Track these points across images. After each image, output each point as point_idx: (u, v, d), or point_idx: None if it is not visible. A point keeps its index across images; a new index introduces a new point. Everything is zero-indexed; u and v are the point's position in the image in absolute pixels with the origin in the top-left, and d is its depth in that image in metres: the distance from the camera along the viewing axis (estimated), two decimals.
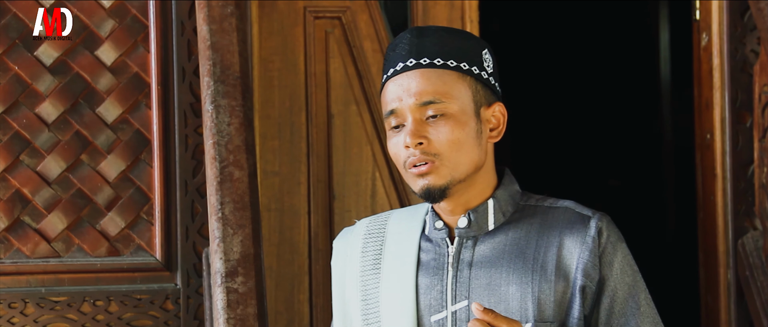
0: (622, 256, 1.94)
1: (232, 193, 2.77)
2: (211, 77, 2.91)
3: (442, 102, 1.92)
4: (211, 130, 2.84)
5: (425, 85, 1.93)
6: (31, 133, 3.18)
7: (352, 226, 2.11)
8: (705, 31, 3.57)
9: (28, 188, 3.17)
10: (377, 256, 2.04)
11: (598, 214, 1.96)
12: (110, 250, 3.19)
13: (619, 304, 1.93)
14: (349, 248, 2.08)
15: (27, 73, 3.19)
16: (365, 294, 2.02)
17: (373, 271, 2.03)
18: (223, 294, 2.63)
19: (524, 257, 1.93)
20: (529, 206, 2.00)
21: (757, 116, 3.37)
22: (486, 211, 1.97)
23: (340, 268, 2.09)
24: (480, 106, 1.96)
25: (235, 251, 2.69)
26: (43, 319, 3.15)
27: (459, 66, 1.94)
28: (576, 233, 1.93)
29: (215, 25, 2.97)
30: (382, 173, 3.59)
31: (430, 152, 1.92)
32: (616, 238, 1.95)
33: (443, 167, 1.92)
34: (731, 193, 3.46)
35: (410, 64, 1.95)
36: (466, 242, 1.97)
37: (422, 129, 1.92)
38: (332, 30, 3.60)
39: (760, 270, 3.31)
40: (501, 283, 1.93)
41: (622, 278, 1.93)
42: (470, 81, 1.95)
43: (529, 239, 1.95)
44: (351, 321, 2.05)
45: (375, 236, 2.06)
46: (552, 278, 1.91)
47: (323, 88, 3.58)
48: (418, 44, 1.95)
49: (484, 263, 1.95)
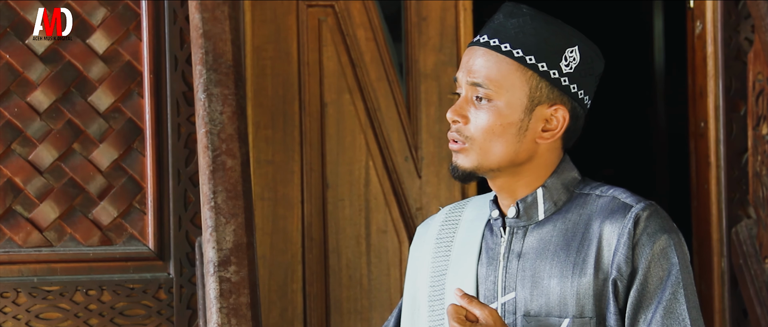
0: (660, 248, 1.85)
1: (224, 182, 2.76)
2: (204, 66, 2.90)
3: (489, 89, 1.90)
4: (204, 118, 2.83)
5: (480, 67, 1.91)
6: (22, 122, 3.17)
7: (435, 214, 2.10)
8: (699, 19, 3.56)
9: (19, 177, 3.16)
10: (449, 244, 2.03)
11: (643, 203, 1.87)
12: (103, 239, 3.18)
13: (647, 297, 1.84)
14: (426, 235, 2.07)
15: (18, 61, 3.17)
16: (434, 280, 2.01)
17: (444, 258, 2.02)
18: (215, 283, 2.63)
19: (568, 249, 1.89)
20: (583, 195, 1.94)
21: (751, 104, 3.36)
22: (535, 200, 1.93)
23: (416, 253, 2.08)
24: (537, 103, 1.91)
25: (228, 240, 2.69)
26: (36, 309, 3.14)
27: (524, 58, 1.91)
28: (615, 223, 1.86)
29: (207, 14, 2.96)
30: (376, 162, 3.58)
31: (463, 133, 1.90)
32: (656, 228, 1.85)
33: (472, 152, 1.90)
34: (725, 182, 3.46)
35: (482, 40, 1.93)
36: (517, 232, 1.94)
37: (465, 108, 1.91)
38: (325, 18, 3.58)
39: (753, 258, 3.31)
40: (544, 276, 1.89)
41: (655, 271, 1.84)
42: (531, 76, 1.91)
43: (575, 231, 1.90)
44: (419, 305, 2.04)
45: (451, 224, 2.05)
46: (591, 272, 1.86)
47: (316, 77, 3.57)
48: (501, 23, 1.93)
49: (531, 254, 1.91)
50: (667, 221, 1.88)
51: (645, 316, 1.84)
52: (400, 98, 3.60)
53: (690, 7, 3.62)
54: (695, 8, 3.59)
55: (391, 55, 3.61)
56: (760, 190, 3.31)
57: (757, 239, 3.33)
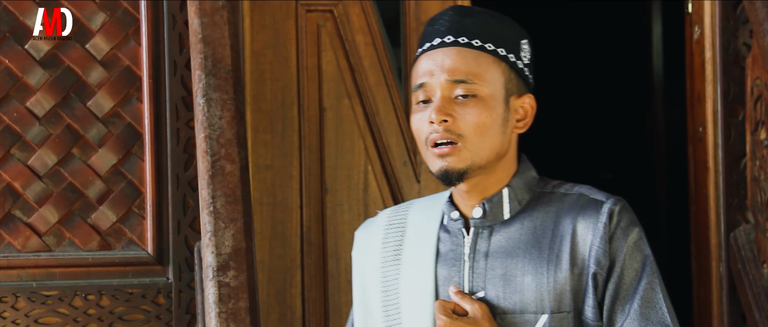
0: (633, 241, 1.91)
1: (223, 187, 2.76)
2: (203, 70, 2.90)
3: (474, 83, 1.91)
4: (203, 123, 2.83)
5: (460, 64, 1.91)
6: (22, 127, 3.17)
7: (374, 217, 2.10)
8: (697, 24, 3.57)
9: (19, 182, 3.16)
10: (398, 247, 2.03)
11: (612, 199, 1.93)
12: (102, 244, 3.18)
13: (624, 288, 1.90)
14: (370, 239, 2.07)
15: (18, 66, 3.18)
16: (386, 285, 2.01)
17: (394, 262, 2.02)
18: (214, 288, 2.62)
19: (540, 247, 1.91)
20: (546, 193, 1.98)
21: (749, 109, 3.37)
22: (501, 200, 1.95)
23: (360, 258, 2.07)
24: (511, 94, 1.95)
25: (227, 245, 2.69)
26: (35, 314, 3.14)
27: (496, 51, 1.93)
28: (588, 220, 1.91)
29: (206, 19, 2.96)
30: (375, 167, 3.58)
31: (454, 131, 1.90)
32: (628, 223, 1.92)
33: (465, 150, 1.90)
34: (723, 187, 3.46)
35: (448, 40, 1.93)
36: (482, 232, 1.95)
37: (449, 107, 1.91)
38: (324, 23, 3.59)
39: (752, 263, 3.31)
40: (517, 273, 1.91)
41: (630, 263, 1.90)
42: (505, 68, 1.94)
43: (544, 228, 1.93)
44: (371, 312, 2.04)
45: (396, 227, 2.05)
46: (567, 267, 1.89)
47: (315, 82, 3.57)
48: (458, 22, 1.94)
49: (500, 253, 1.93)
50: (634, 215, 1.95)
51: (623, 306, 1.89)
52: (399, 103, 3.60)
53: (688, 12, 3.63)
54: (693, 13, 3.60)
55: (390, 60, 3.61)
56: (759, 194, 3.31)
57: (755, 244, 3.33)
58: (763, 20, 3.22)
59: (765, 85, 3.26)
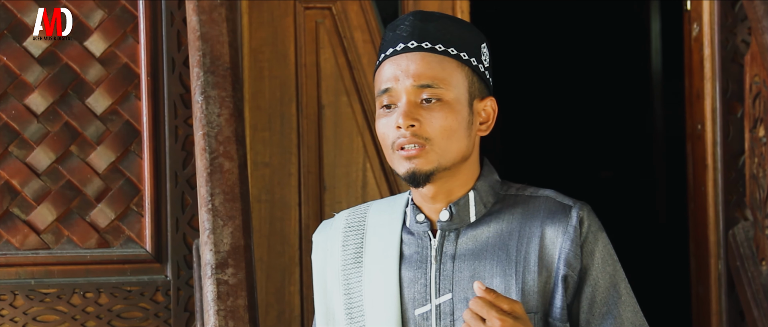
0: (603, 246, 1.95)
1: (222, 185, 2.76)
2: (201, 68, 2.90)
3: (440, 88, 1.92)
4: (201, 121, 2.83)
5: (425, 69, 1.92)
6: (20, 125, 3.17)
7: (331, 219, 2.10)
8: (696, 21, 3.57)
9: (17, 180, 3.16)
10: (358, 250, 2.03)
11: (579, 203, 1.96)
12: (100, 241, 3.18)
13: (601, 293, 1.93)
14: (328, 242, 2.07)
15: (16, 64, 3.17)
16: (348, 288, 2.01)
17: (355, 265, 2.02)
18: (213, 286, 2.62)
19: (507, 249, 1.93)
20: (510, 196, 2.00)
21: (747, 106, 3.36)
22: (467, 203, 1.97)
23: (320, 261, 2.07)
24: (474, 97, 1.96)
25: (225, 243, 2.69)
26: (33, 311, 3.14)
27: (459, 55, 1.94)
28: (557, 223, 1.93)
29: (205, 16, 2.96)
30: (373, 164, 3.58)
31: (421, 135, 1.91)
32: (597, 227, 1.95)
33: (432, 153, 1.92)
34: (722, 184, 3.46)
35: (411, 45, 1.94)
36: (449, 235, 1.97)
37: (415, 111, 1.91)
38: (322, 20, 3.59)
39: (750, 260, 3.31)
40: (485, 275, 1.93)
41: (604, 267, 1.94)
42: (468, 71, 1.95)
43: (511, 230, 1.95)
44: (333, 315, 2.04)
45: (355, 229, 2.05)
46: (535, 269, 1.92)
47: (314, 79, 3.57)
48: (421, 28, 1.95)
49: (468, 256, 1.94)
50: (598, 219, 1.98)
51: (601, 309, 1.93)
52: None
53: (687, 10, 3.63)
54: (692, 11, 3.60)
55: None
56: (757, 192, 3.31)
57: (754, 241, 3.33)
58: (761, 17, 3.22)
59: (763, 82, 3.26)
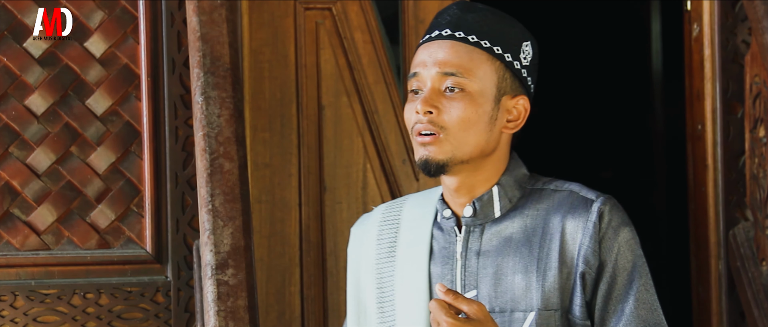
0: (624, 241, 1.91)
1: (222, 185, 2.76)
2: (201, 69, 2.90)
3: (463, 78, 1.91)
4: (201, 121, 2.83)
5: (451, 57, 1.92)
6: (20, 125, 3.17)
7: (370, 213, 2.10)
8: (696, 21, 3.57)
9: (17, 180, 3.16)
10: (392, 244, 2.03)
11: (603, 197, 1.92)
12: (100, 242, 3.18)
13: (617, 289, 1.89)
14: (365, 235, 2.07)
15: (16, 64, 3.17)
16: (381, 282, 2.01)
17: (389, 259, 2.02)
18: (213, 286, 2.62)
19: (530, 245, 1.91)
20: (536, 190, 1.97)
21: (748, 107, 3.36)
22: (491, 199, 1.95)
23: (355, 254, 2.07)
24: (503, 93, 1.94)
25: (226, 243, 2.69)
26: (33, 312, 3.14)
27: (492, 48, 1.93)
28: (578, 218, 1.90)
29: (205, 17, 2.96)
30: (373, 165, 3.58)
31: (437, 123, 1.90)
32: (619, 222, 1.91)
33: (447, 142, 1.91)
34: (722, 184, 3.46)
35: (445, 34, 1.94)
36: (474, 231, 1.95)
37: (436, 99, 1.91)
38: (323, 21, 3.58)
39: (751, 261, 3.31)
40: (507, 272, 1.91)
41: (622, 263, 1.90)
42: (499, 66, 1.94)
43: (535, 226, 1.93)
44: (365, 308, 2.03)
45: (390, 223, 2.05)
46: (556, 265, 1.89)
47: (314, 80, 3.57)
48: (459, 17, 1.95)
49: (491, 252, 1.93)
50: (624, 214, 1.94)
51: (616, 307, 1.89)
52: (398, 101, 3.60)
53: (687, 10, 3.62)
54: (692, 11, 3.60)
55: (389, 58, 3.61)
56: (758, 192, 3.31)
57: (754, 242, 3.33)
58: (761, 17, 3.22)
59: (764, 83, 3.26)
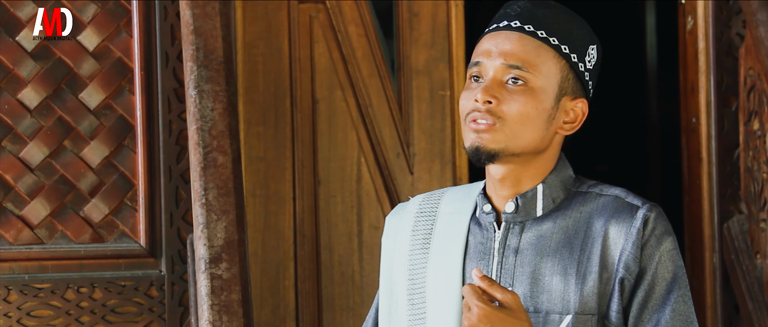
0: (666, 250, 1.87)
1: (216, 179, 2.76)
2: (195, 62, 2.89)
3: (528, 72, 1.88)
4: (195, 115, 2.83)
5: (518, 50, 1.89)
6: (13, 119, 3.16)
7: (406, 203, 2.07)
8: (690, 14, 3.57)
9: (10, 174, 3.15)
10: (427, 236, 2.00)
11: (648, 204, 1.89)
12: (94, 236, 3.17)
13: (654, 298, 1.86)
14: (400, 225, 2.04)
15: (9, 58, 3.17)
16: (413, 273, 1.99)
17: (422, 251, 1.99)
18: (207, 280, 2.62)
19: (571, 247, 1.88)
20: (581, 193, 1.94)
21: (742, 100, 3.36)
22: (535, 196, 1.92)
23: (390, 244, 2.04)
24: (564, 93, 1.92)
25: (219, 237, 2.68)
26: (27, 306, 3.14)
27: (560, 46, 1.91)
28: (622, 224, 1.87)
29: (198, 10, 2.95)
30: (368, 158, 3.58)
31: (495, 113, 1.87)
32: (662, 231, 1.88)
33: (501, 133, 1.87)
34: (717, 177, 3.46)
35: (514, 25, 1.91)
36: (513, 228, 1.93)
37: (497, 90, 1.88)
38: (317, 14, 3.58)
39: (745, 254, 3.31)
40: (545, 272, 1.88)
41: (662, 273, 1.87)
42: (564, 66, 1.91)
43: (576, 229, 1.90)
44: (397, 300, 2.01)
45: (427, 215, 2.02)
46: (596, 270, 1.86)
47: (308, 73, 3.57)
48: (530, 11, 1.92)
49: (530, 251, 1.90)
50: (668, 223, 1.90)
51: (650, 316, 1.86)
52: (392, 94, 3.60)
53: (681, 3, 3.62)
54: (687, 4, 3.59)
55: (383, 52, 3.60)
56: (752, 185, 3.31)
57: (748, 235, 3.33)
58: (755, 11, 3.22)
59: (758, 76, 3.26)
